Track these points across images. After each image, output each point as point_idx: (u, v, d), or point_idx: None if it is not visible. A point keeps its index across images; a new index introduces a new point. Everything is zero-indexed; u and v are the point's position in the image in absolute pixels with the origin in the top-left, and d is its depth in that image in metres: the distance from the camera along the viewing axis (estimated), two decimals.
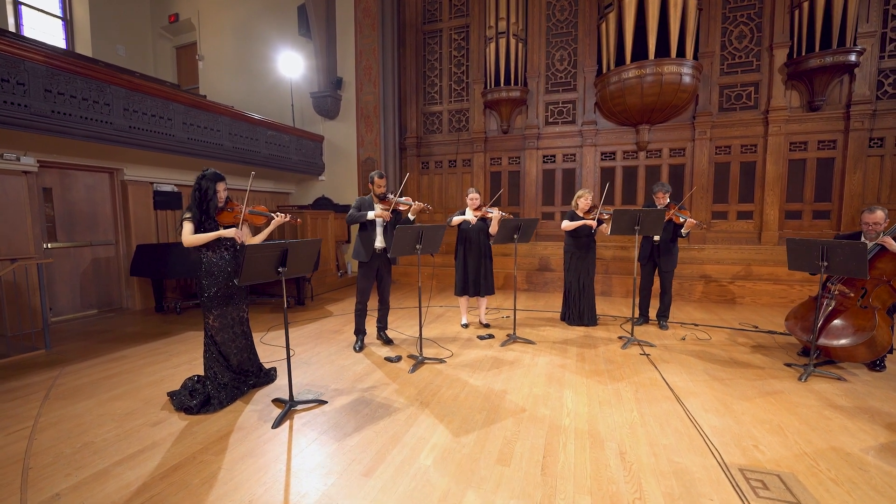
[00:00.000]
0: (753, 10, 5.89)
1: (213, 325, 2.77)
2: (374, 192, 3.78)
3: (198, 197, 2.70)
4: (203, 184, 2.70)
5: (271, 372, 3.15)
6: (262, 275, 2.48)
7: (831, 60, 5.33)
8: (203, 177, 2.72)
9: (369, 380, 3.17)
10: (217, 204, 2.74)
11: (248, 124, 6.44)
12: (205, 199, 2.70)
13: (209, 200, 2.70)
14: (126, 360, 3.63)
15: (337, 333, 4.46)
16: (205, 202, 2.70)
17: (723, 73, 6.09)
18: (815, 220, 5.91)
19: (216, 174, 2.75)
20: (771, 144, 5.89)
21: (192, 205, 2.71)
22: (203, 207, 2.71)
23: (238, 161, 6.34)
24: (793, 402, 2.82)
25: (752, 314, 5.28)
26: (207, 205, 2.70)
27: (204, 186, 2.70)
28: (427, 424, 2.48)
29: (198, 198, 2.70)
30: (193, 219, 2.67)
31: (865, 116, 5.48)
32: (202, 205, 2.70)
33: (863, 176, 5.59)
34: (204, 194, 2.70)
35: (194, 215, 2.68)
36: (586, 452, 2.21)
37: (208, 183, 2.70)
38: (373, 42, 7.69)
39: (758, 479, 2.01)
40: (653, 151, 6.54)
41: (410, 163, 8.04)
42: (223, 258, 2.76)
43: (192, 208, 2.70)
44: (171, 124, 5.26)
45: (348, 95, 8.01)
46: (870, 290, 3.35)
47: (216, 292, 2.76)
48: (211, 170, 2.76)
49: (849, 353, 3.32)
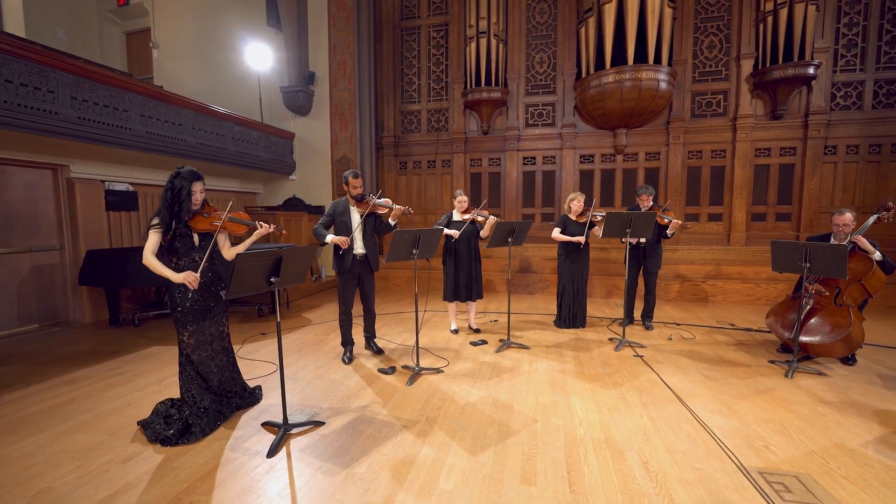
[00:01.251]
0: (722, 22, 6.19)
1: (188, 342, 2.46)
2: (350, 194, 3.50)
3: (169, 198, 2.35)
4: (177, 182, 2.35)
5: (256, 391, 2.87)
6: (253, 286, 2.23)
7: (792, 73, 5.68)
8: (177, 175, 2.38)
9: (366, 395, 2.96)
10: (191, 206, 2.40)
11: (213, 119, 5.96)
12: (177, 199, 2.34)
13: (182, 202, 2.35)
14: (81, 384, 3.19)
15: (320, 344, 4.19)
16: (176, 203, 2.35)
17: (694, 81, 6.35)
18: (777, 222, 6.30)
19: (193, 172, 2.42)
20: (738, 150, 6.21)
21: (162, 207, 2.35)
22: (174, 210, 2.36)
23: (203, 158, 5.85)
24: (786, 400, 2.91)
25: (724, 312, 5.52)
26: (180, 206, 2.35)
27: (177, 186, 2.35)
28: (439, 443, 2.33)
29: (169, 199, 2.35)
30: (161, 225, 2.32)
31: (821, 126, 5.90)
32: (173, 206, 2.34)
33: (819, 181, 6.02)
34: (177, 195, 2.34)
35: (163, 220, 2.33)
36: (609, 464, 2.15)
37: (182, 182, 2.35)
38: (348, 36, 7.39)
39: (778, 481, 2.02)
40: (629, 155, 6.72)
41: (388, 162, 7.80)
42: (197, 266, 2.44)
43: (162, 211, 2.35)
44: (126, 116, 4.75)
45: (321, 91, 7.66)
46: (843, 288, 3.55)
47: (191, 305, 2.44)
48: (187, 167, 2.43)
49: (827, 349, 3.50)
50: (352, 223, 3.55)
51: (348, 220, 3.54)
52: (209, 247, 2.44)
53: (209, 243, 2.48)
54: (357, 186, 3.46)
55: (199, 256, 2.44)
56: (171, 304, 2.44)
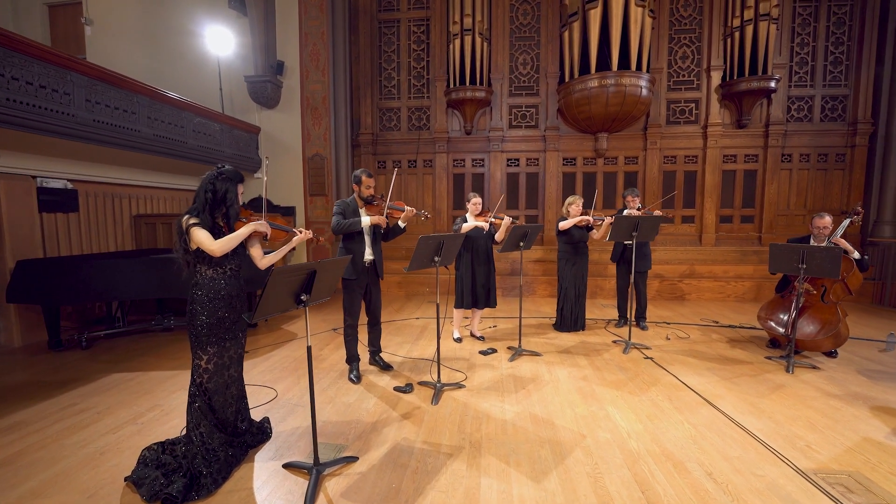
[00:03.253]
0: (694, 34, 6.54)
1: (205, 368, 2.05)
2: (360, 195, 3.22)
3: (210, 200, 2.05)
4: (219, 185, 2.06)
5: (264, 425, 2.46)
6: (281, 304, 1.88)
7: (756, 85, 6.12)
8: (220, 175, 2.08)
9: (391, 420, 2.67)
10: (238, 212, 2.15)
11: (173, 108, 5.24)
12: (221, 204, 2.08)
13: (228, 207, 2.09)
14: (29, 428, 2.57)
15: (317, 361, 3.79)
16: (222, 208, 2.09)
17: (669, 90, 6.65)
18: (742, 224, 6.77)
19: (237, 173, 2.14)
20: (709, 156, 6.59)
21: (201, 209, 2.04)
22: (217, 215, 2.09)
23: (160, 152, 5.12)
24: (800, 396, 3.04)
25: (702, 309, 5.82)
26: (227, 211, 2.11)
27: (221, 189, 2.06)
28: (495, 471, 2.11)
29: (210, 201, 2.05)
30: (204, 225, 2.01)
31: (779, 135, 6.42)
32: (216, 212, 2.08)
33: (777, 186, 6.55)
34: (221, 199, 2.07)
35: (205, 222, 2.02)
36: (677, 479, 2.06)
37: (227, 184, 2.08)
38: (321, 25, 6.89)
39: (837, 482, 2.04)
40: (610, 158, 6.90)
41: (365, 161, 7.39)
42: (228, 275, 2.10)
43: (203, 214, 2.04)
44: (68, 100, 3.99)
45: (291, 82, 7.08)
46: (829, 287, 3.82)
47: (217, 321, 2.07)
48: (229, 167, 2.14)
49: (817, 344, 3.74)
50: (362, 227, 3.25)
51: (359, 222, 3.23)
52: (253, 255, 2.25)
53: (243, 250, 2.20)
54: (370, 187, 3.18)
55: (233, 265, 2.14)
56: (191, 319, 2.04)
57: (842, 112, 6.43)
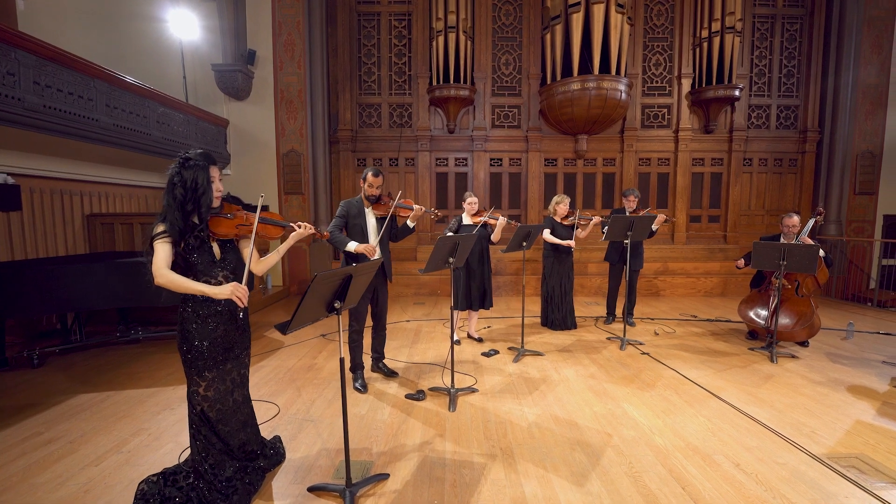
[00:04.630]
0: (666, 43, 6.86)
1: (204, 395, 1.79)
2: (366, 194, 3.09)
3: (180, 195, 1.68)
4: (187, 174, 1.68)
5: (277, 445, 2.23)
6: (314, 313, 1.71)
7: (722, 94, 6.53)
8: (185, 162, 1.70)
9: (412, 430, 2.53)
10: (210, 202, 1.76)
11: (135, 95, 4.74)
12: (192, 195, 1.69)
13: (201, 195, 1.70)
14: None
15: (313, 370, 3.55)
16: (193, 200, 1.69)
17: (644, 94, 6.95)
18: (709, 224, 7.21)
19: (206, 154, 1.76)
20: (680, 159, 6.96)
21: (170, 210, 1.68)
22: (189, 209, 1.71)
23: (121, 144, 4.61)
24: (790, 384, 3.24)
25: (677, 304, 6.12)
26: (197, 204, 1.70)
27: (188, 178, 1.68)
28: (536, 478, 2.05)
29: (180, 196, 1.68)
30: (171, 233, 1.66)
31: (742, 141, 6.90)
32: (187, 205, 1.69)
33: (740, 188, 7.04)
34: (191, 189, 1.68)
35: (174, 226, 1.67)
36: (709, 471, 2.11)
37: (196, 171, 1.69)
38: (297, 14, 6.54)
39: (850, 465, 2.17)
40: (589, 160, 7.09)
41: (344, 159, 7.11)
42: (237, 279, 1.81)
43: (171, 214, 1.67)
44: (13, 82, 3.47)
45: (263, 73, 6.66)
46: (801, 281, 4.13)
47: (211, 344, 1.79)
48: (196, 150, 1.76)
49: (793, 335, 4.03)
50: (367, 227, 3.08)
51: (363, 224, 3.07)
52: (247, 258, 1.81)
53: (234, 255, 1.87)
54: (377, 185, 3.02)
55: (224, 273, 1.81)
56: (183, 341, 1.76)
57: (794, 121, 7.02)
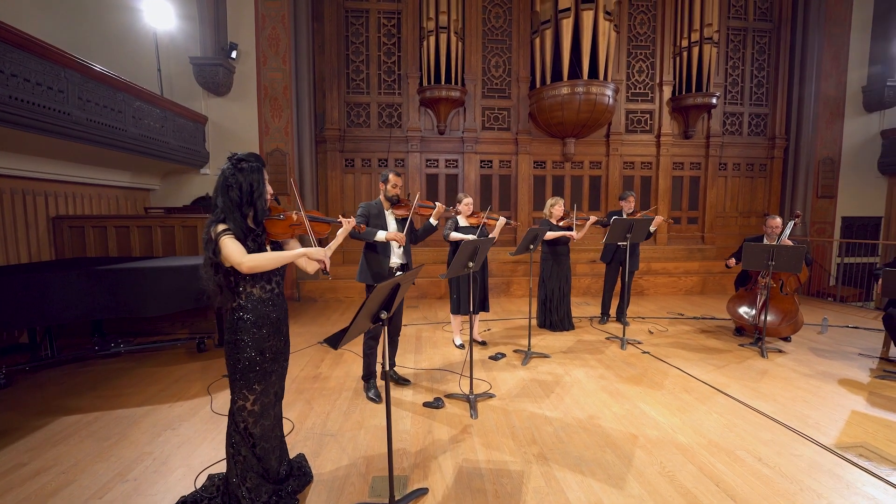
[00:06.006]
0: (649, 51, 7.12)
1: (251, 409, 1.69)
2: (386, 195, 3.06)
3: (236, 197, 1.65)
4: (241, 177, 1.65)
5: (304, 465, 2.10)
6: (364, 325, 1.62)
7: (700, 101, 6.85)
8: (238, 164, 1.66)
9: (438, 440, 2.47)
10: (265, 204, 1.75)
11: (109, 88, 4.38)
12: (250, 196, 1.67)
13: (257, 198, 1.69)
14: None
15: (320, 380, 3.41)
16: (249, 202, 1.68)
17: (628, 100, 7.17)
18: (689, 225, 7.54)
19: (257, 156, 1.73)
20: (661, 163, 7.24)
21: (228, 211, 1.64)
22: (245, 211, 1.69)
23: (95, 141, 4.24)
24: (785, 378, 3.42)
25: (663, 302, 6.36)
26: (254, 205, 1.70)
27: (244, 180, 1.66)
28: (575, 485, 2.04)
29: (236, 198, 1.65)
30: (235, 230, 1.62)
31: (718, 146, 7.27)
32: (243, 207, 1.67)
33: (716, 191, 7.41)
34: (248, 191, 1.67)
35: (236, 225, 1.63)
36: (736, 467, 2.19)
37: (252, 174, 1.67)
38: (282, 7, 6.28)
39: (858, 454, 2.31)
40: (576, 163, 7.24)
41: (331, 159, 6.90)
42: (276, 293, 1.75)
43: (231, 215, 1.64)
44: None
45: (245, 68, 6.36)
46: (785, 280, 4.38)
47: (263, 353, 1.71)
48: (245, 153, 1.73)
49: (779, 331, 4.26)
50: (387, 229, 3.01)
51: (383, 225, 3.01)
52: None
53: None
54: (398, 186, 2.97)
55: (277, 279, 1.77)
56: (237, 351, 1.66)
57: (764, 128, 7.47)
